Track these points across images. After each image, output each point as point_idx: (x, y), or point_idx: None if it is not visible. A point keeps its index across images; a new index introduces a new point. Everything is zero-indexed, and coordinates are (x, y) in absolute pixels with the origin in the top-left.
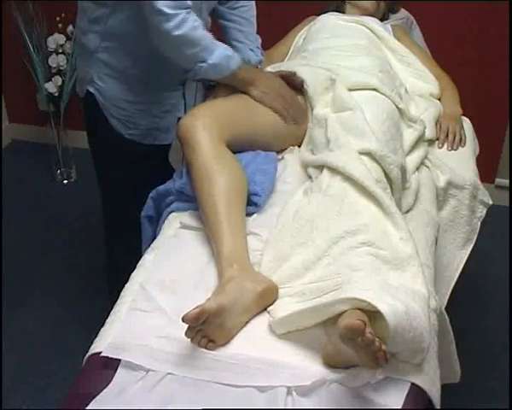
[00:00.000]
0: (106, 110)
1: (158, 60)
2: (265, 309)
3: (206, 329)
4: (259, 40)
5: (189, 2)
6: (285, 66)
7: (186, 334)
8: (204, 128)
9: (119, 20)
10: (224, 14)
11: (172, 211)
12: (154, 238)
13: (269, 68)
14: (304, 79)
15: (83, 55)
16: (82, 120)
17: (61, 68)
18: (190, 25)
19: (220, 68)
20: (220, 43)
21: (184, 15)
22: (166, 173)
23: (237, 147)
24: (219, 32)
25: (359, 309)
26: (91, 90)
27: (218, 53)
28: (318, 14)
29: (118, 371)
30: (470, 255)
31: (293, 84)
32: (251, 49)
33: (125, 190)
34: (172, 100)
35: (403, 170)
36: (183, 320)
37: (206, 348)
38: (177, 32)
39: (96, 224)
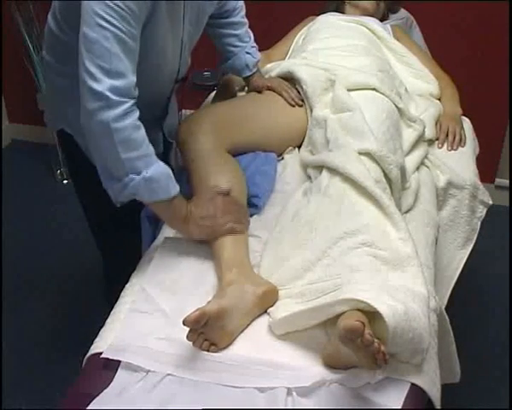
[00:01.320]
0: (87, 151)
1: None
2: (265, 311)
3: (208, 332)
4: (252, 36)
5: (136, 91)
6: (284, 65)
7: (188, 337)
8: (203, 132)
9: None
10: (216, 23)
11: None
12: (154, 238)
13: (268, 66)
14: (302, 80)
15: (54, 92)
16: None
17: None
18: (133, 121)
19: (156, 187)
20: (160, 162)
21: (129, 106)
22: None
23: (237, 150)
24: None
25: (359, 310)
26: (68, 130)
27: (158, 168)
28: (318, 14)
29: (118, 371)
30: (470, 255)
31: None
32: (247, 52)
33: (115, 215)
34: (151, 137)
35: (402, 170)
36: (184, 323)
37: (208, 351)
38: (116, 125)
39: None
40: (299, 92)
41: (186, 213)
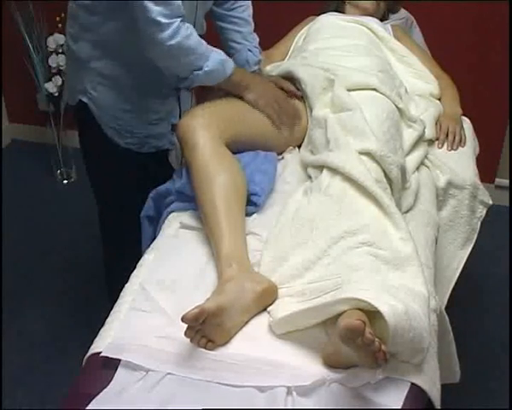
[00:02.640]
0: (100, 120)
1: (152, 67)
2: (265, 309)
3: (206, 329)
4: (257, 39)
5: (183, 10)
6: (284, 65)
7: (185, 334)
8: (203, 128)
9: (111, 28)
10: (222, 15)
11: (172, 211)
12: (154, 238)
13: (268, 68)
14: (301, 80)
15: (74, 63)
16: None
17: (61, 68)
18: (184, 33)
19: (216, 74)
20: (214, 49)
21: (178, 24)
22: (165, 177)
23: (237, 147)
24: (217, 33)
25: (359, 309)
26: (84, 100)
27: (213, 59)
28: (318, 14)
29: (118, 371)
30: (470, 255)
31: (289, 91)
32: (249, 50)
33: (124, 196)
34: (167, 106)
35: (402, 170)
36: (183, 320)
37: (205, 347)
38: (171, 42)
39: (95, 224)
40: (298, 90)
41: (247, 83)
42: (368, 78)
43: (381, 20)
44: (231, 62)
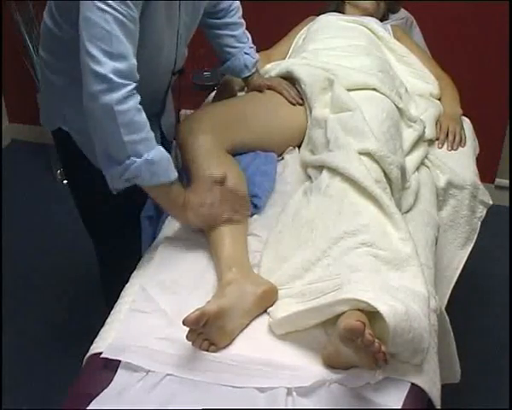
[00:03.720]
0: (84, 148)
1: None
2: (265, 311)
3: (207, 332)
4: (250, 37)
5: (137, 74)
6: (284, 64)
7: (187, 337)
8: (203, 132)
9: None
10: (214, 24)
11: None
12: (154, 238)
13: (268, 66)
14: (301, 80)
15: (50, 90)
16: None
17: None
18: (135, 103)
19: (157, 169)
20: (160, 146)
21: (131, 89)
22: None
23: (236, 150)
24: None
25: (359, 310)
26: (64, 128)
27: (159, 151)
28: (318, 14)
29: (118, 371)
30: (470, 255)
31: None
32: (246, 53)
33: (116, 221)
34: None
35: (402, 170)
36: (184, 323)
37: (207, 351)
38: (119, 108)
39: None
40: (298, 92)
41: (184, 200)
42: (368, 78)
43: (381, 20)
44: (175, 172)
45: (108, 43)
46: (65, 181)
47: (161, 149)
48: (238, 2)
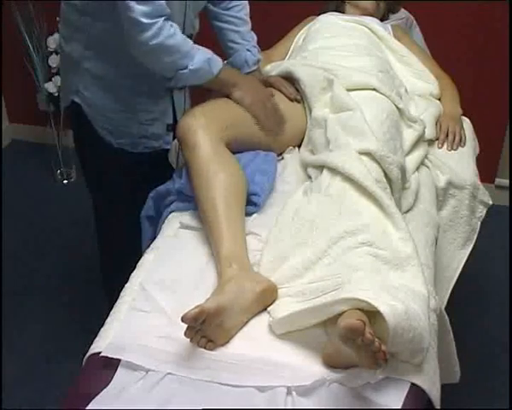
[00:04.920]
0: (93, 120)
1: (143, 68)
2: (265, 309)
3: (206, 329)
4: (255, 38)
5: (166, 9)
6: (284, 65)
7: (185, 334)
8: (203, 128)
9: (101, 28)
10: (219, 15)
11: (172, 211)
12: (154, 238)
13: (268, 67)
14: (300, 80)
15: (66, 64)
16: None
17: None
18: (167, 33)
19: (202, 73)
20: (200, 48)
21: (161, 23)
22: (164, 177)
23: (237, 147)
24: (214, 33)
25: (359, 309)
26: (77, 100)
27: (199, 58)
28: (318, 14)
29: (117, 371)
30: (470, 255)
31: (288, 95)
32: (248, 50)
33: (120, 196)
34: (160, 107)
35: (402, 170)
36: (183, 320)
37: (205, 347)
38: (153, 42)
39: None
40: (298, 91)
41: (235, 81)
42: (368, 78)
43: (381, 20)
44: (218, 61)
45: None
46: (65, 181)
47: (201, 53)
48: (246, 2)
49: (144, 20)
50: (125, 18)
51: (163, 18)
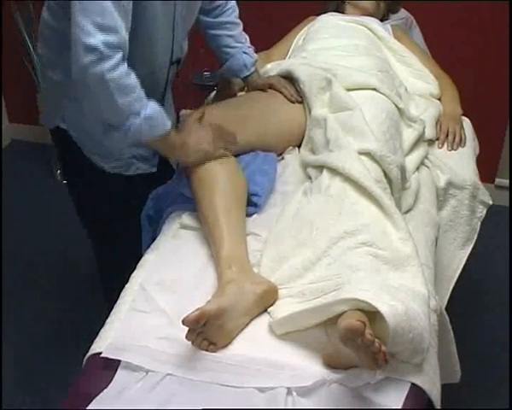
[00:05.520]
0: (83, 146)
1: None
2: (265, 310)
3: (207, 331)
4: (247, 37)
5: (127, 45)
6: (284, 64)
7: (187, 337)
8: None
9: None
10: (211, 24)
11: (172, 211)
12: (154, 238)
13: (268, 66)
14: (300, 79)
15: (49, 87)
16: None
17: None
18: (124, 69)
19: (155, 123)
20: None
21: (120, 57)
22: (165, 177)
23: (236, 150)
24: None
25: (359, 310)
26: (63, 126)
27: (153, 106)
28: (318, 15)
29: (118, 371)
30: (470, 255)
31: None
32: (244, 52)
33: (116, 221)
34: None
35: (402, 170)
36: (184, 323)
37: (207, 350)
38: (111, 75)
39: None
40: (297, 91)
41: (181, 141)
42: (367, 78)
43: (381, 20)
44: (169, 121)
45: (100, 16)
46: (65, 181)
47: (152, 102)
48: (234, 2)
49: (104, 50)
50: (79, 44)
51: (122, 53)
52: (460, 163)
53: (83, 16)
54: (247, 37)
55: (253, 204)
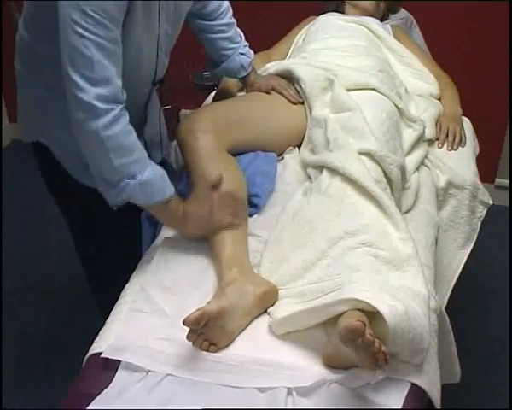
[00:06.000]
0: (66, 164)
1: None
2: (265, 311)
3: (208, 332)
4: (243, 35)
5: (124, 95)
6: (284, 64)
7: (188, 337)
8: (203, 131)
9: (59, 73)
10: (207, 27)
11: None
12: (154, 239)
13: (268, 65)
14: (301, 79)
15: (27, 102)
16: None
17: None
18: (123, 127)
19: (151, 190)
20: (154, 163)
21: (118, 112)
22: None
23: (237, 150)
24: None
25: (359, 310)
26: (43, 141)
27: (152, 170)
28: (318, 15)
29: (118, 371)
30: (470, 255)
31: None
32: (241, 53)
33: (104, 239)
34: None
35: (402, 170)
36: (184, 323)
37: (207, 351)
38: (107, 133)
39: None
40: (297, 91)
41: (183, 213)
42: (367, 78)
43: (381, 20)
44: (172, 188)
45: (90, 69)
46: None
47: (155, 167)
48: (227, 3)
49: (99, 105)
50: (72, 98)
51: (120, 106)
52: (460, 163)
53: (72, 70)
54: (241, 33)
55: (253, 205)
